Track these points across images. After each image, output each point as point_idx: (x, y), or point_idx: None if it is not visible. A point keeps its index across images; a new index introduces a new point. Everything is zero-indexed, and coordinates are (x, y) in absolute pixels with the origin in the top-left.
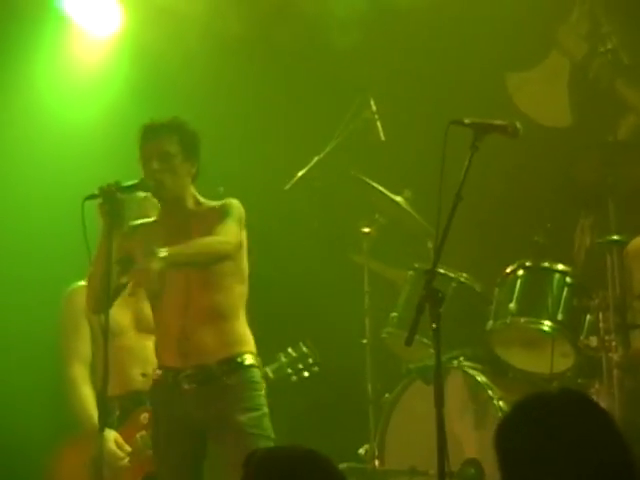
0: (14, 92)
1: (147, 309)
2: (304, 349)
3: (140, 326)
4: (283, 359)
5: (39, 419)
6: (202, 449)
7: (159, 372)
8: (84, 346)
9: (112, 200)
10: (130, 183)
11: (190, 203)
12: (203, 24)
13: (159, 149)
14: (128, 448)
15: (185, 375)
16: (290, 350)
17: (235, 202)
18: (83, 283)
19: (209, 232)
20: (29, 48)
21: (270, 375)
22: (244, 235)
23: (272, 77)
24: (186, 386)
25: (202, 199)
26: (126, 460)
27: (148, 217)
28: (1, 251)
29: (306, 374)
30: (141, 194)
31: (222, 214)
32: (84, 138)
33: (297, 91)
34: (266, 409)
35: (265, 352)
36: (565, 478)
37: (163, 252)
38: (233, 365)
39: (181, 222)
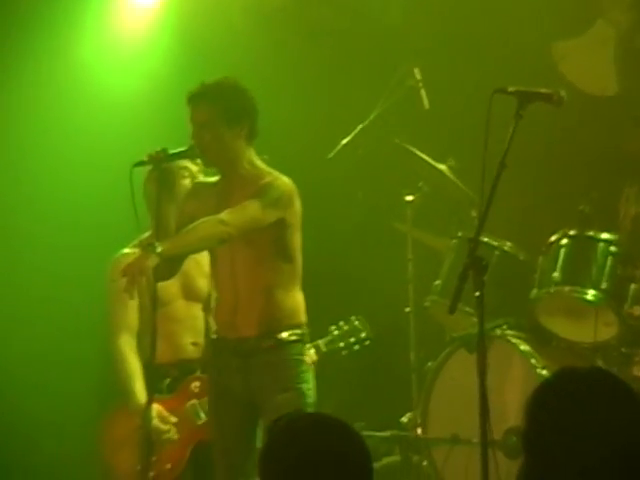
0: (61, 61)
1: (197, 278)
2: (356, 323)
3: (189, 295)
4: (335, 332)
5: (90, 387)
6: (254, 418)
7: (214, 337)
8: (131, 315)
9: (161, 166)
10: (178, 150)
11: (242, 167)
12: None
13: (199, 117)
14: (173, 419)
15: (231, 347)
16: (342, 323)
17: (279, 183)
18: (128, 250)
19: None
20: (76, 17)
21: (322, 349)
22: (289, 214)
23: (315, 47)
24: (231, 358)
25: (260, 164)
26: (172, 432)
27: (181, 169)
28: (51, 220)
29: (357, 348)
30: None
31: (256, 192)
32: (129, 106)
33: (341, 60)
34: (305, 385)
35: (311, 323)
36: (588, 455)
37: (159, 247)
38: (272, 341)
39: (229, 186)
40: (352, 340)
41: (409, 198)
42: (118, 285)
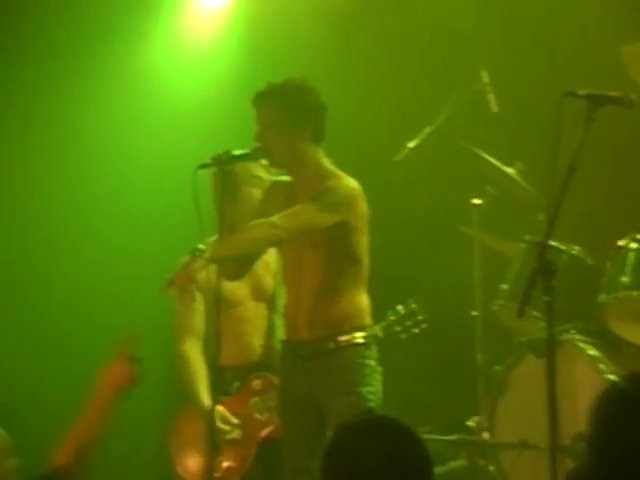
0: (131, 64)
1: (264, 277)
2: (413, 306)
3: (258, 296)
4: (392, 317)
5: (157, 390)
6: (319, 420)
7: (284, 339)
8: (197, 319)
9: (224, 169)
10: (242, 151)
11: (307, 168)
12: (312, 1)
13: (263, 118)
14: (235, 421)
15: (295, 349)
16: (399, 307)
17: (340, 186)
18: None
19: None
20: (146, 20)
21: (379, 334)
22: (352, 216)
23: (382, 51)
24: (295, 360)
25: (327, 165)
26: (235, 432)
27: (253, 178)
28: (119, 222)
29: (415, 331)
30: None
31: (316, 195)
32: (197, 108)
33: (408, 63)
34: (367, 389)
35: (377, 321)
36: None
37: (207, 251)
38: (334, 344)
39: (296, 187)
40: (409, 323)
41: (476, 202)
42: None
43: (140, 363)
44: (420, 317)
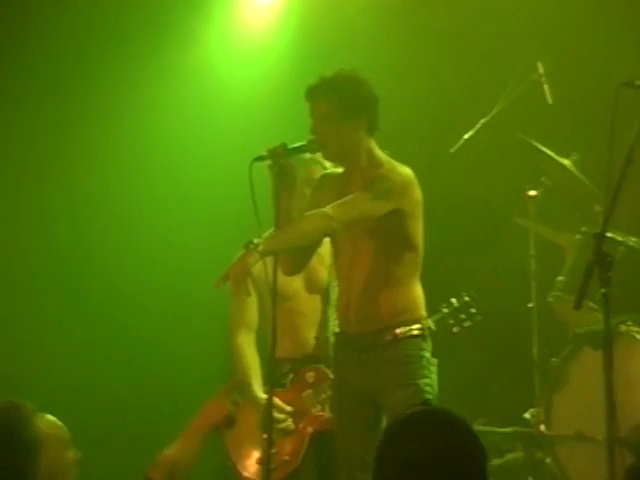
0: (186, 57)
1: (318, 269)
2: (466, 299)
3: (311, 288)
4: (445, 310)
5: (212, 383)
6: (375, 413)
7: (337, 331)
8: (251, 314)
9: (280, 161)
10: (297, 144)
11: (361, 159)
12: None
13: (317, 111)
14: (289, 409)
15: (349, 341)
16: (452, 300)
17: (393, 173)
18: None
19: None
20: (201, 14)
21: (433, 327)
22: (406, 203)
23: (437, 43)
24: (350, 352)
25: (379, 155)
26: (289, 421)
27: (314, 180)
28: (172, 216)
29: (468, 324)
30: (304, 156)
31: (368, 184)
32: (252, 100)
33: (464, 55)
34: (423, 381)
35: (431, 313)
36: None
37: (261, 245)
38: (389, 337)
39: (349, 178)
40: (462, 316)
41: (532, 193)
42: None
43: (236, 407)
44: (473, 310)
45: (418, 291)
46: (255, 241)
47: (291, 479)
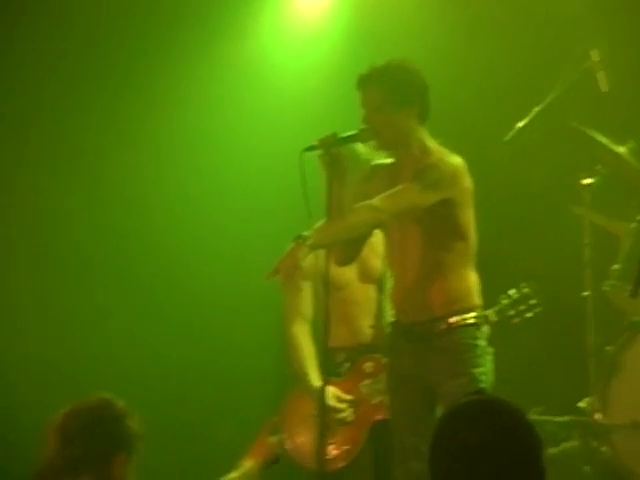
0: (240, 47)
1: (371, 259)
2: (525, 290)
3: (364, 277)
4: (505, 301)
5: (268, 374)
6: (429, 402)
7: (392, 320)
8: (305, 305)
9: (331, 151)
10: (348, 134)
11: (413, 147)
12: None
13: (368, 101)
14: (348, 397)
15: (404, 330)
16: (512, 292)
17: (442, 163)
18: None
19: None
20: (255, 4)
21: (493, 318)
22: (456, 192)
23: (490, 31)
24: (405, 341)
25: (431, 144)
26: (348, 412)
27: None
28: (223, 208)
29: (529, 315)
30: (365, 154)
31: (417, 174)
32: (304, 91)
33: (517, 42)
34: (478, 370)
35: (487, 302)
36: None
37: (310, 239)
38: (444, 326)
39: (400, 167)
40: (522, 307)
41: (586, 181)
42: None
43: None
44: (533, 301)
45: (472, 279)
46: (305, 234)
47: (351, 468)
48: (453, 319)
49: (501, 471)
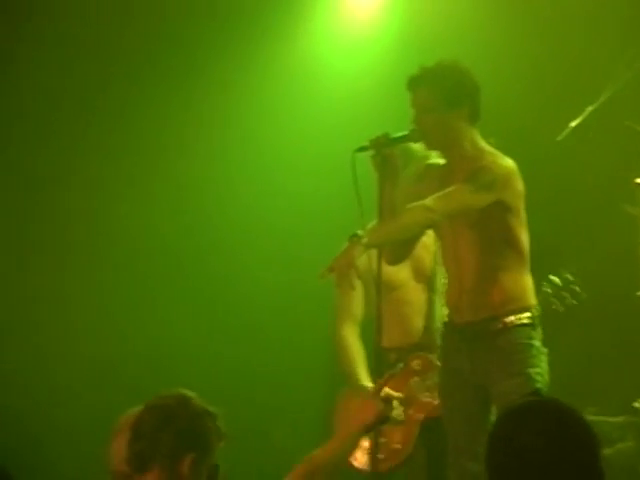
0: (291, 49)
1: (424, 258)
2: (567, 276)
3: (418, 277)
4: (547, 289)
5: (319, 375)
6: (484, 402)
7: (446, 320)
8: (355, 306)
9: (383, 151)
10: (400, 134)
11: (463, 149)
12: None
13: (419, 101)
14: (397, 395)
15: (459, 330)
16: (554, 278)
17: (494, 165)
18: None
19: None
20: (307, 5)
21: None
22: (508, 195)
23: (543, 30)
24: (459, 341)
25: (482, 145)
26: (399, 410)
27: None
28: (277, 208)
29: (573, 302)
30: (419, 152)
31: (469, 175)
32: (356, 92)
33: (571, 41)
34: (533, 370)
35: None
36: None
37: (364, 238)
38: (500, 325)
39: (451, 168)
40: (565, 294)
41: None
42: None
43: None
44: (577, 288)
45: (527, 280)
46: (359, 233)
47: (403, 467)
48: (509, 318)
49: (559, 472)
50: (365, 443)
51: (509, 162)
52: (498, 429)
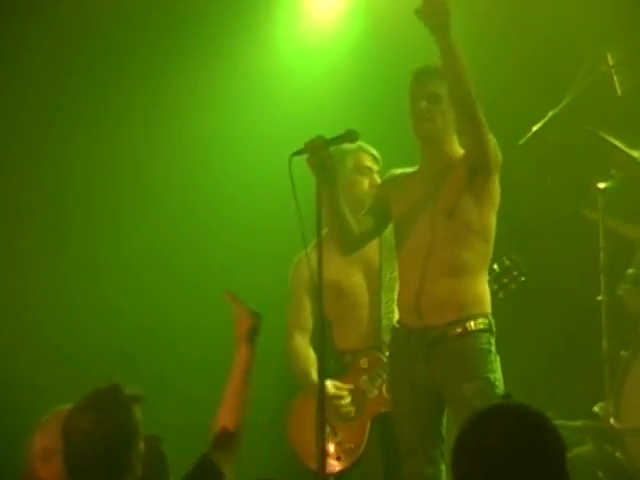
0: (255, 52)
1: (375, 256)
2: (507, 262)
3: (369, 278)
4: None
5: (273, 382)
6: (438, 406)
7: (397, 326)
8: (306, 318)
9: (319, 154)
10: (336, 135)
11: (449, 150)
12: None
13: (429, 90)
14: (347, 386)
15: (415, 335)
16: (494, 266)
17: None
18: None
19: (462, 180)
20: (269, 4)
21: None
22: (495, 181)
23: (501, 34)
24: (415, 346)
25: (459, 149)
26: (348, 399)
27: (363, 168)
28: (233, 219)
29: (513, 287)
30: (351, 145)
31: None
32: (316, 94)
33: (531, 46)
34: (493, 375)
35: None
36: None
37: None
38: (462, 329)
39: (438, 170)
40: (505, 280)
41: (601, 185)
42: (296, 287)
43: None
44: (515, 273)
45: (486, 285)
46: None
47: (360, 464)
48: (471, 323)
49: (527, 475)
50: (330, 448)
51: None
52: (466, 433)
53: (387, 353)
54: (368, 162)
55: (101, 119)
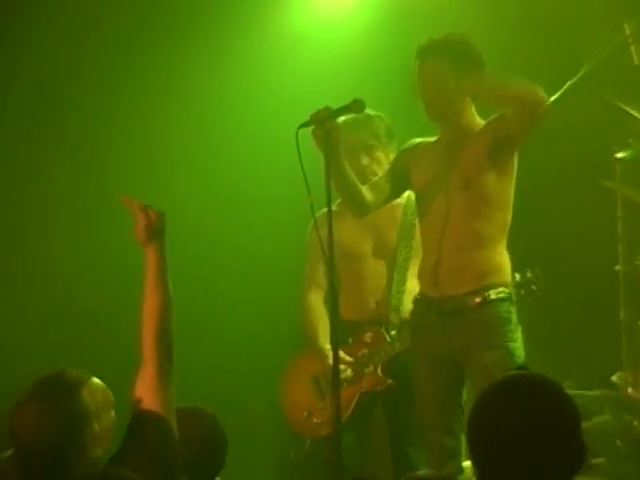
0: (269, 14)
1: (389, 233)
2: (528, 275)
3: (381, 252)
4: None
5: (279, 337)
6: (458, 377)
7: (418, 297)
8: (321, 276)
9: (325, 125)
10: (342, 105)
11: (466, 120)
12: None
13: (427, 70)
14: (349, 359)
15: (435, 305)
16: (515, 275)
17: None
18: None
19: (483, 151)
20: None
21: None
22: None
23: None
24: (435, 316)
25: (479, 120)
26: (348, 371)
27: (375, 135)
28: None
29: (529, 300)
30: (360, 115)
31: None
32: (336, 66)
33: (549, 16)
34: (513, 344)
35: None
36: None
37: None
38: (481, 299)
39: (455, 139)
40: (522, 292)
41: (619, 155)
42: (314, 244)
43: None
44: (534, 287)
45: (506, 254)
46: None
47: (366, 443)
48: (490, 292)
49: (542, 445)
50: (306, 404)
51: None
52: (483, 403)
53: (392, 332)
54: (370, 140)
55: (117, 106)
